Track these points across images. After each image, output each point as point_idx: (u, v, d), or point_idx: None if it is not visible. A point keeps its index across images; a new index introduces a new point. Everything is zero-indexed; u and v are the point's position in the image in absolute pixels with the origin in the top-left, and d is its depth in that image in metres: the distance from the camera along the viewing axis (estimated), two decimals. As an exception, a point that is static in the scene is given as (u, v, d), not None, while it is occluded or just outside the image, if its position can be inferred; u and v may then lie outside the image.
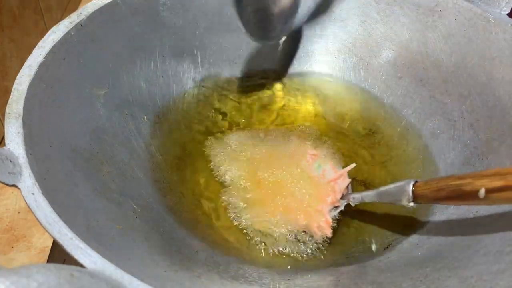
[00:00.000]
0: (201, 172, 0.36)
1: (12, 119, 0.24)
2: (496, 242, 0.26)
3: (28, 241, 0.36)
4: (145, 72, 0.39)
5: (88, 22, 0.32)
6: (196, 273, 0.26)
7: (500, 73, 0.35)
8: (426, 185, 0.28)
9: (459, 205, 0.32)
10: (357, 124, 0.41)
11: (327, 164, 0.36)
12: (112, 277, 0.18)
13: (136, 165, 0.34)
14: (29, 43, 0.30)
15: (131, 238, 0.26)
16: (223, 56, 0.44)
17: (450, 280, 0.25)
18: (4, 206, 0.38)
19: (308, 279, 0.29)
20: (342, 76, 0.46)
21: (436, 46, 0.40)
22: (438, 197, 0.27)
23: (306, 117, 0.42)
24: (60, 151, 0.27)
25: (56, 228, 0.20)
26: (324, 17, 0.45)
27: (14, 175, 0.21)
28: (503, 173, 0.24)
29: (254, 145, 0.37)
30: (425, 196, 0.28)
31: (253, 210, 0.33)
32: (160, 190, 0.34)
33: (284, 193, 0.33)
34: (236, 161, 0.36)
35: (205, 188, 0.35)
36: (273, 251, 0.31)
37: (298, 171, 0.35)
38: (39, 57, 0.28)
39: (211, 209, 0.34)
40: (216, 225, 0.33)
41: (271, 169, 0.35)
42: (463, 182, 0.25)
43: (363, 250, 0.32)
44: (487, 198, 0.24)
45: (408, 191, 0.28)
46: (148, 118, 0.38)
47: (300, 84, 0.45)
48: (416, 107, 0.42)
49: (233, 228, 0.32)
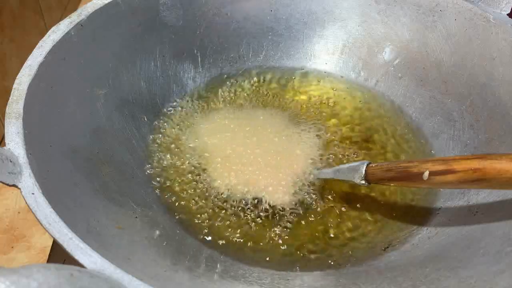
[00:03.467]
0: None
1: (12, 119, 0.24)
2: (496, 242, 0.26)
3: (28, 241, 0.36)
4: (145, 72, 0.39)
5: (88, 22, 0.32)
6: (196, 273, 0.26)
7: (500, 73, 0.35)
8: (378, 166, 0.31)
9: (404, 186, 0.35)
10: (356, 124, 0.41)
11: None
12: (112, 277, 0.18)
13: (136, 165, 0.34)
14: (29, 43, 0.30)
15: (131, 238, 0.26)
16: (223, 56, 0.44)
17: (450, 280, 0.25)
18: (4, 206, 0.38)
19: (308, 279, 0.29)
20: (342, 76, 0.46)
21: (436, 46, 0.40)
22: (387, 176, 0.30)
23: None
24: (60, 151, 0.27)
25: (56, 228, 0.20)
26: (324, 17, 0.45)
27: (14, 175, 0.21)
28: (446, 159, 0.27)
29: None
30: (375, 175, 0.30)
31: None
32: (160, 190, 0.34)
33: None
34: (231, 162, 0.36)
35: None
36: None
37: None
38: (39, 57, 0.28)
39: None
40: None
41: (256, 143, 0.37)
42: (410, 165, 0.28)
43: (363, 250, 0.32)
44: (430, 180, 0.27)
45: (362, 170, 0.31)
46: (148, 118, 0.38)
47: (300, 84, 0.45)
48: (416, 107, 0.42)
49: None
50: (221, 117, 0.41)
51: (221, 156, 0.37)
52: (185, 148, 0.37)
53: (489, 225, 0.29)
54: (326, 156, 0.38)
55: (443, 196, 0.35)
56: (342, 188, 0.35)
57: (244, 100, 0.43)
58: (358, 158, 0.38)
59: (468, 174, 0.25)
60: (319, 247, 0.32)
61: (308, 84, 0.45)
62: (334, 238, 0.32)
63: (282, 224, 0.33)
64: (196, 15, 0.41)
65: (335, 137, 0.40)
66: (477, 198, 0.32)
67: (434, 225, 0.33)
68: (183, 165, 0.36)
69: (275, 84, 0.45)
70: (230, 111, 0.42)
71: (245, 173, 0.35)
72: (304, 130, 0.40)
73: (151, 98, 0.39)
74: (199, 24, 0.42)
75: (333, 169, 0.34)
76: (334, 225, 0.33)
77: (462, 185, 0.27)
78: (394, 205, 0.35)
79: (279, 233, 0.32)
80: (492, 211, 0.30)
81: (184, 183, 0.35)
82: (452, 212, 0.33)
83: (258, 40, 0.45)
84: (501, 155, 0.24)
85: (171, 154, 0.37)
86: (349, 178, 0.32)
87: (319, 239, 0.32)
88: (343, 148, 0.39)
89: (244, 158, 0.37)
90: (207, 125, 0.40)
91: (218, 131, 0.39)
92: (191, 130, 0.39)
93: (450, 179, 0.26)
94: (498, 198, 0.31)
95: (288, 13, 0.45)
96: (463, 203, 0.33)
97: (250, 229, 0.32)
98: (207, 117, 0.41)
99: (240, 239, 0.32)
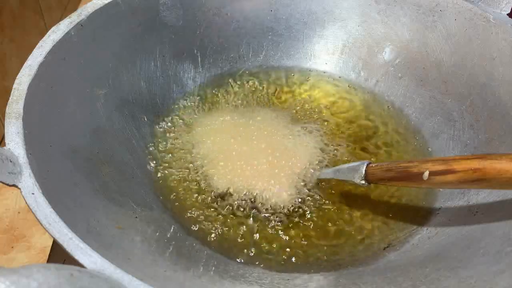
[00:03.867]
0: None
1: (12, 119, 0.24)
2: (496, 242, 0.26)
3: (28, 241, 0.36)
4: (145, 72, 0.39)
5: (88, 22, 0.32)
6: (196, 273, 0.26)
7: (500, 73, 0.35)
8: (378, 166, 0.31)
9: (404, 186, 0.35)
10: (356, 124, 0.41)
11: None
12: (112, 277, 0.18)
13: (136, 165, 0.34)
14: (29, 43, 0.30)
15: (131, 238, 0.26)
16: (223, 56, 0.44)
17: (450, 280, 0.25)
18: (4, 206, 0.38)
19: (308, 279, 0.29)
20: (342, 76, 0.46)
21: (436, 46, 0.40)
22: (387, 176, 0.30)
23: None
24: (60, 151, 0.27)
25: (56, 228, 0.20)
26: (324, 17, 0.45)
27: (14, 175, 0.21)
28: (446, 159, 0.27)
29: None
30: (375, 175, 0.30)
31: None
32: (160, 190, 0.34)
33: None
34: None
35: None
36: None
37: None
38: (39, 57, 0.28)
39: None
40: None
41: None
42: (410, 165, 0.28)
43: (363, 249, 0.32)
44: (430, 180, 0.27)
45: (361, 170, 0.31)
46: (148, 118, 0.38)
47: (300, 84, 0.45)
48: (416, 107, 0.42)
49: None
50: (221, 117, 0.41)
51: (221, 156, 0.37)
52: (185, 148, 0.37)
53: (489, 225, 0.29)
54: (326, 156, 0.38)
55: (443, 196, 0.35)
56: (342, 188, 0.35)
57: (244, 100, 0.43)
58: (358, 158, 0.38)
59: (468, 174, 0.25)
60: (319, 247, 0.32)
61: (308, 84, 0.45)
62: (334, 238, 0.32)
63: (282, 224, 0.33)
64: (196, 15, 0.41)
65: (335, 137, 0.40)
66: (477, 198, 0.32)
67: (434, 225, 0.33)
68: (183, 165, 0.36)
69: (275, 84, 0.45)
70: (230, 111, 0.42)
71: (245, 173, 0.36)
72: (304, 130, 0.40)
73: (151, 98, 0.39)
74: (199, 24, 0.42)
75: (333, 169, 0.34)
76: (334, 225, 0.33)
77: (462, 185, 0.27)
78: (394, 205, 0.35)
79: (279, 233, 0.32)
80: (492, 211, 0.30)
81: (184, 183, 0.35)
82: (452, 212, 0.33)
83: (258, 40, 0.45)
84: (501, 155, 0.24)
85: (171, 154, 0.37)
86: (349, 178, 0.32)
87: (319, 239, 0.32)
88: (343, 148, 0.39)
89: (244, 158, 0.37)
90: (207, 125, 0.40)
91: (218, 131, 0.39)
92: (191, 130, 0.39)
93: (450, 179, 0.26)
94: (498, 198, 0.31)
95: (288, 13, 0.45)
96: (463, 203, 0.33)
97: (250, 229, 0.32)
98: (207, 117, 0.41)
99: (241, 239, 0.32)
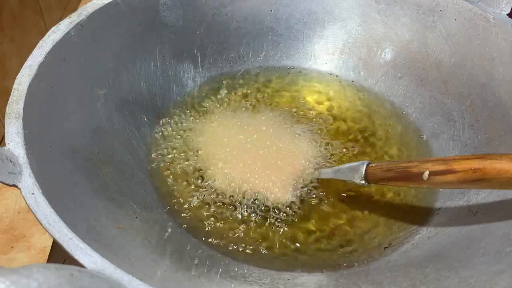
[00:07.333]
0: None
1: (12, 119, 0.24)
2: (496, 242, 0.26)
3: (28, 241, 0.36)
4: (145, 72, 0.39)
5: (88, 22, 0.32)
6: (196, 273, 0.26)
7: (500, 73, 0.35)
8: (378, 166, 0.31)
9: (404, 186, 0.35)
10: (356, 124, 0.41)
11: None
12: (112, 277, 0.18)
13: (136, 165, 0.34)
14: (29, 43, 0.30)
15: (131, 238, 0.26)
16: (223, 56, 0.44)
17: (450, 280, 0.25)
18: (4, 206, 0.38)
19: (308, 279, 0.29)
20: (342, 76, 0.46)
21: (436, 46, 0.40)
22: (387, 176, 0.30)
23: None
24: (60, 151, 0.27)
25: (56, 228, 0.20)
26: (324, 17, 0.45)
27: (14, 175, 0.21)
28: (446, 159, 0.27)
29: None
30: (375, 175, 0.30)
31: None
32: (160, 190, 0.34)
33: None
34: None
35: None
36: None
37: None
38: (39, 57, 0.28)
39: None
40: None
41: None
42: (411, 165, 0.28)
43: (363, 249, 0.32)
44: (430, 180, 0.27)
45: (362, 170, 0.31)
46: (148, 118, 0.38)
47: (300, 84, 0.45)
48: (416, 107, 0.42)
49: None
50: (221, 117, 0.41)
51: (221, 156, 0.37)
52: (185, 148, 0.37)
53: (489, 225, 0.29)
54: (326, 156, 0.38)
55: (443, 196, 0.35)
56: (342, 188, 0.35)
57: (244, 100, 0.43)
58: (358, 158, 0.38)
59: (468, 174, 0.25)
60: (319, 247, 0.32)
61: (308, 84, 0.45)
62: (334, 238, 0.32)
63: (282, 224, 0.33)
64: (196, 15, 0.41)
65: (335, 137, 0.40)
66: (477, 198, 0.32)
67: (434, 225, 0.33)
68: (183, 165, 0.36)
69: (275, 84, 0.45)
70: (230, 111, 0.42)
71: (245, 173, 0.35)
72: (304, 130, 0.40)
73: (151, 98, 0.39)
74: (199, 24, 0.42)
75: (333, 169, 0.34)
76: (334, 225, 0.33)
77: (462, 185, 0.27)
78: (394, 205, 0.35)
79: (279, 233, 0.32)
80: (492, 211, 0.30)
81: (184, 183, 0.35)
82: (452, 212, 0.33)
83: (258, 40, 0.45)
84: (501, 155, 0.24)
85: (171, 154, 0.37)
86: (349, 178, 0.32)
87: (319, 239, 0.32)
88: (343, 148, 0.39)
89: (244, 158, 0.37)
90: (207, 125, 0.40)
91: (218, 131, 0.39)
92: (191, 130, 0.39)
93: (450, 179, 0.26)
94: (498, 198, 0.31)
95: (288, 13, 0.45)
96: (463, 203, 0.33)
97: (250, 229, 0.32)
98: (207, 117, 0.41)
99: (241, 239, 0.32)
